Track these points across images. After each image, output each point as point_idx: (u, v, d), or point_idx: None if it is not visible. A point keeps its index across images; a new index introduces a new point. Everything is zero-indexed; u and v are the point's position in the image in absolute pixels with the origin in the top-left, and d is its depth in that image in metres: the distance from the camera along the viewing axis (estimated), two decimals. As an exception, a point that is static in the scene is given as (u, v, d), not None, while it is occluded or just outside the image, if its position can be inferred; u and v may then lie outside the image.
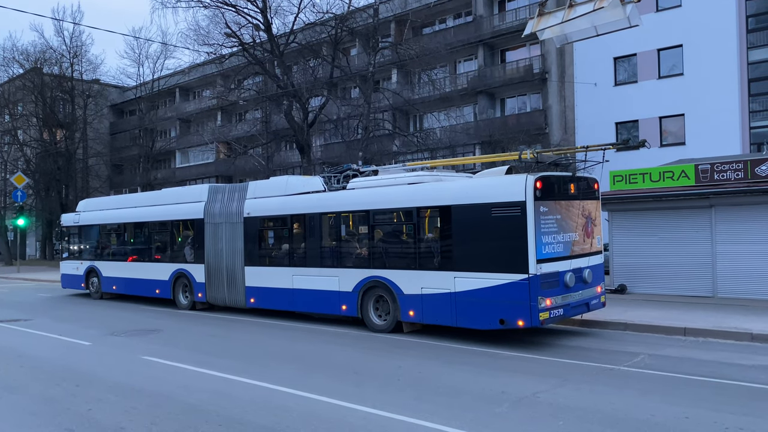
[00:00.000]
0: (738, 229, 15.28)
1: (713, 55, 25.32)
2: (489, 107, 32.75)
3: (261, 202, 15.24)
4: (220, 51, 31.29)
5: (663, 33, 26.27)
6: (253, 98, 36.10)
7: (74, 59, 47.13)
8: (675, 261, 16.16)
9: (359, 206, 13.14)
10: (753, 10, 25.61)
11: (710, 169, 15.72)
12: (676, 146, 25.90)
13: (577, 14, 11.48)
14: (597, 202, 12.19)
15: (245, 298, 15.38)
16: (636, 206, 16.84)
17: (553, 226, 10.63)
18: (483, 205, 10.85)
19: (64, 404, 7.73)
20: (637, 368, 9.03)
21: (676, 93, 26.33)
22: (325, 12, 29.00)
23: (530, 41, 28.76)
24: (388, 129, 32.50)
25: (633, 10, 11.16)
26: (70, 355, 11.06)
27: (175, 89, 50.64)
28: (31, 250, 56.85)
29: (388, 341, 11.69)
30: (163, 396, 8.06)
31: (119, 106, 57.22)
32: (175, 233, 17.83)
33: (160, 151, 50.51)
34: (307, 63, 33.13)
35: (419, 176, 12.83)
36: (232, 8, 29.09)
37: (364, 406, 7.28)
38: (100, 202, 22.71)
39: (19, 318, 15.95)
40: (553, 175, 11.06)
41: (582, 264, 11.28)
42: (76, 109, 48.17)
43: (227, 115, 46.96)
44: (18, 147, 47.86)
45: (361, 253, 13.13)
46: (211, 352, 10.98)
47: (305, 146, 29.98)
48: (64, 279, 22.37)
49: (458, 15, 35.59)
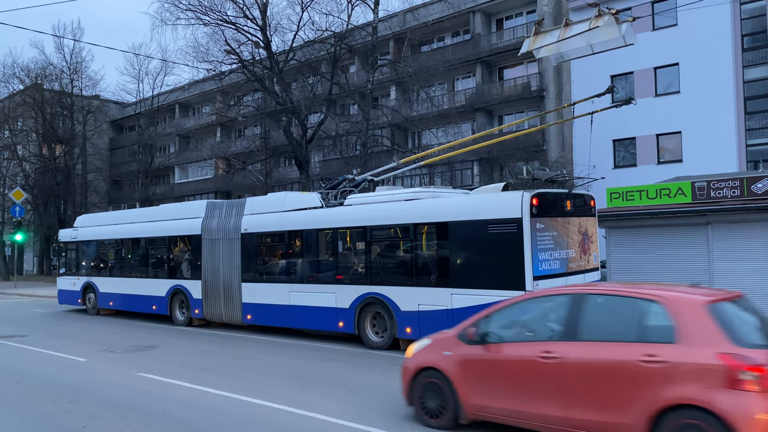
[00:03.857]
0: (735, 246, 15.29)
1: (709, 73, 25.51)
2: (487, 124, 32.90)
3: (258, 218, 15.26)
4: (219, 68, 31.50)
5: (659, 51, 26.48)
6: (252, 114, 36.28)
7: (74, 75, 47.39)
8: (672, 278, 16.10)
9: (356, 222, 13.16)
10: (748, 29, 25.85)
11: (707, 187, 15.77)
12: (673, 163, 25.99)
13: (573, 33, 11.61)
14: (593, 218, 12.24)
15: (242, 315, 15.34)
16: (633, 223, 16.87)
17: (549, 242, 10.66)
18: (479, 222, 10.89)
19: (58, 421, 7.69)
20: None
21: (673, 111, 26.48)
22: (324, 30, 29.24)
23: (528, 59, 28.94)
24: (386, 145, 32.63)
25: (628, 29, 11.30)
26: (66, 372, 11.01)
27: (174, 105, 50.85)
28: (29, 266, 56.70)
29: (384, 358, 11.64)
30: (158, 413, 8.02)
31: (119, 122, 57.40)
32: (173, 249, 17.83)
33: (159, 167, 50.59)
34: (306, 80, 33.34)
35: (416, 192, 12.88)
36: (232, 26, 29.35)
37: (360, 424, 7.24)
38: (97, 218, 22.72)
39: (14, 334, 15.88)
40: (550, 192, 11.11)
41: (579, 281, 11.28)
42: (76, 125, 48.32)
43: (226, 131, 47.12)
44: (17, 162, 47.93)
45: (358, 270, 13.13)
46: (206, 368, 10.94)
47: (304, 162, 30.07)
48: (61, 295, 22.31)
49: (456, 33, 35.89)
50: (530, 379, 6.32)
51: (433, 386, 7.07)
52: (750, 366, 5.16)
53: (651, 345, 5.70)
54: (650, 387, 5.54)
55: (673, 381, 5.44)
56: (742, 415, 5.08)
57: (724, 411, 5.13)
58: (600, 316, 6.30)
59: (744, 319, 5.95)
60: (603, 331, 6.16)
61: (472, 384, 6.76)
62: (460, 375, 6.84)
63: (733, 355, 5.26)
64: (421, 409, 7.19)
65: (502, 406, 6.56)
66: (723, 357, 5.27)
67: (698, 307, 5.70)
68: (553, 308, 6.69)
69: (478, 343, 6.76)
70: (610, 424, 5.73)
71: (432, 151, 19.52)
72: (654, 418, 5.46)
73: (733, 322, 5.68)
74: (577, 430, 5.98)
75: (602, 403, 5.81)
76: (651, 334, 5.88)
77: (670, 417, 5.39)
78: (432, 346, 7.39)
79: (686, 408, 5.34)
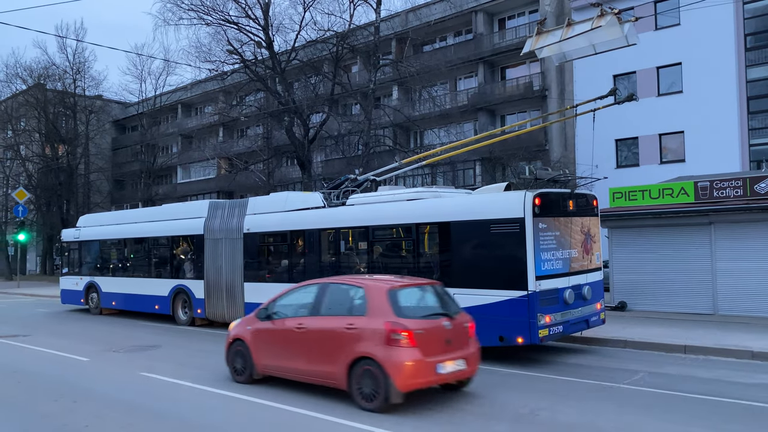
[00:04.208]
0: (738, 246, 15.27)
1: (712, 72, 25.45)
2: (489, 124, 32.87)
3: (261, 218, 15.27)
4: (221, 68, 31.52)
5: (662, 51, 26.43)
6: (254, 114, 36.26)
7: (77, 75, 47.44)
8: (675, 278, 16.14)
9: (358, 222, 13.15)
10: (751, 28, 25.78)
11: (709, 187, 15.75)
12: (676, 163, 25.94)
13: (575, 33, 11.61)
14: (596, 218, 12.21)
15: (244, 314, 15.32)
16: (635, 223, 16.85)
17: (552, 242, 10.64)
18: (482, 222, 10.87)
19: (61, 420, 7.70)
20: (637, 386, 8.99)
21: (676, 110, 26.42)
22: (326, 30, 29.22)
23: (530, 59, 28.88)
24: (388, 145, 32.61)
25: (630, 29, 11.28)
26: (68, 371, 11.02)
27: (177, 105, 50.88)
28: (32, 266, 56.80)
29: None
30: (160, 412, 8.03)
31: (121, 122, 57.46)
32: (175, 249, 17.84)
33: (162, 167, 50.62)
34: (309, 80, 33.32)
35: (418, 192, 12.86)
36: (234, 26, 29.35)
37: (360, 423, 7.24)
38: (100, 218, 22.74)
39: (17, 333, 15.91)
40: (552, 191, 11.08)
41: (581, 281, 11.27)
42: (79, 125, 48.38)
43: (229, 131, 47.15)
44: (20, 162, 48.03)
45: (361, 270, 13.12)
46: (208, 368, 10.93)
47: (306, 162, 30.07)
48: (63, 294, 22.34)
49: (458, 33, 35.85)
50: (290, 343, 8.78)
51: (239, 352, 9.52)
52: (400, 329, 7.60)
53: (352, 317, 8.15)
54: (348, 345, 7.94)
55: (360, 341, 7.85)
56: (393, 363, 7.51)
57: (382, 359, 7.56)
58: (332, 298, 8.71)
59: (416, 299, 8.51)
60: (332, 309, 8.57)
61: (261, 349, 9.22)
62: (254, 343, 9.32)
63: (392, 323, 7.66)
64: (233, 369, 9.68)
65: (276, 364, 9.02)
66: (386, 324, 7.69)
67: (381, 291, 8.09)
68: (308, 294, 9.07)
69: (265, 319, 9.29)
70: (329, 372, 8.17)
71: (434, 151, 19.52)
72: (350, 366, 7.89)
73: (402, 301, 8.05)
74: (315, 378, 8.48)
75: (326, 358, 8.21)
76: (354, 310, 8.29)
77: (358, 365, 7.83)
78: (242, 323, 9.92)
79: (365, 359, 7.76)
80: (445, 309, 8.38)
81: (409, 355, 7.52)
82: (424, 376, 7.67)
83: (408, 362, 7.51)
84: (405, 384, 7.52)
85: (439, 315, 8.20)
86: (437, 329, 7.93)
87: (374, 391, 7.64)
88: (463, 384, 8.54)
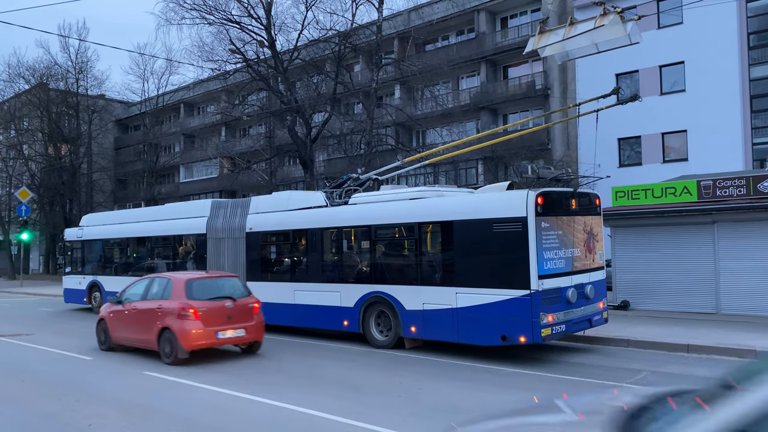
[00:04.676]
0: (741, 245, 15.23)
1: (715, 71, 25.40)
2: (491, 123, 32.85)
3: (263, 217, 15.28)
4: (224, 67, 31.53)
5: (665, 50, 26.38)
6: (256, 114, 36.28)
7: (80, 75, 47.56)
8: (678, 277, 16.11)
9: (361, 221, 13.15)
10: (754, 27, 25.73)
11: (712, 186, 15.71)
12: (679, 162, 25.89)
13: (577, 32, 11.58)
14: (598, 217, 12.18)
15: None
16: (638, 222, 16.82)
17: (554, 241, 10.63)
18: (484, 221, 10.86)
19: (64, 419, 7.72)
20: (640, 385, 8.96)
21: (679, 109, 26.37)
22: (328, 29, 29.22)
23: (532, 58, 28.85)
24: (390, 144, 32.61)
25: (633, 28, 11.26)
26: (71, 370, 11.05)
27: (179, 105, 50.94)
28: (35, 265, 56.92)
29: (389, 357, 11.65)
30: (162, 411, 8.04)
31: (124, 122, 57.54)
32: (177, 248, 17.86)
33: (164, 166, 50.68)
34: (311, 79, 33.33)
35: (421, 191, 12.85)
36: (237, 25, 29.38)
37: (364, 422, 7.24)
38: (103, 217, 22.77)
39: (21, 332, 15.94)
40: (555, 190, 11.07)
41: (584, 280, 11.26)
42: (81, 124, 48.46)
43: (231, 130, 47.19)
44: (23, 162, 48.14)
45: (363, 269, 13.12)
46: (212, 368, 10.95)
47: (308, 161, 30.08)
48: (66, 294, 22.38)
49: (461, 32, 35.83)
50: (129, 320, 12.22)
51: (103, 328, 12.91)
52: (188, 308, 11.02)
53: (162, 301, 11.56)
54: (158, 320, 11.33)
55: (165, 317, 11.23)
56: (181, 330, 10.90)
57: (175, 329, 10.97)
58: (154, 288, 12.05)
59: (210, 288, 11.76)
60: (153, 295, 11.94)
61: (115, 326, 12.59)
62: (110, 321, 12.72)
63: (183, 303, 11.08)
64: (99, 341, 13.07)
65: (123, 336, 12.44)
66: (179, 305, 11.10)
67: (181, 282, 11.50)
68: (142, 284, 12.49)
69: (117, 304, 12.69)
70: (148, 339, 11.57)
71: (436, 150, 19.50)
72: (158, 334, 11.33)
73: (194, 289, 11.41)
74: (142, 344, 11.91)
75: (146, 329, 11.58)
76: (164, 296, 11.63)
77: (163, 333, 11.25)
78: (106, 306, 13.23)
79: (166, 329, 11.15)
80: (231, 294, 11.67)
81: (193, 325, 10.90)
82: (205, 339, 10.96)
83: (192, 330, 10.86)
84: (189, 345, 10.88)
85: (224, 298, 11.47)
86: (219, 308, 11.26)
87: (171, 351, 11.04)
88: (252, 348, 12.11)
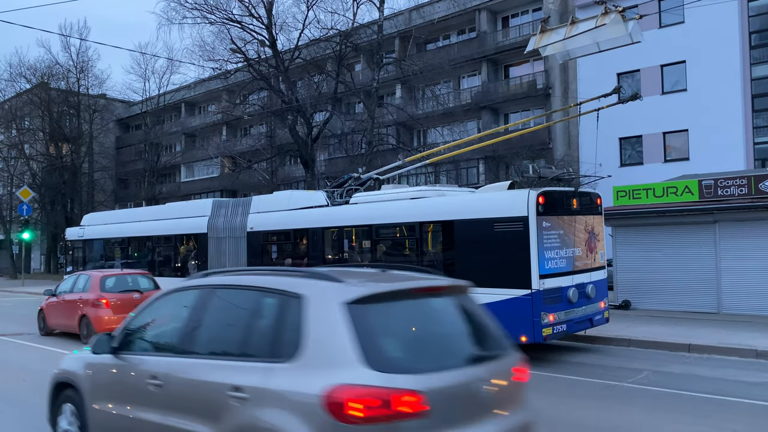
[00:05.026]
0: (742, 244, 15.22)
1: (716, 71, 25.36)
2: (493, 122, 32.84)
3: (264, 216, 15.28)
4: (225, 66, 31.56)
5: (666, 49, 26.35)
6: (257, 113, 36.30)
7: (81, 74, 47.55)
8: (679, 277, 16.09)
9: (362, 221, 13.14)
10: (756, 26, 25.70)
11: (714, 185, 15.70)
12: (680, 162, 25.86)
13: (579, 31, 11.58)
14: (600, 217, 12.17)
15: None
16: (640, 222, 16.80)
17: (555, 241, 10.62)
18: (485, 220, 10.85)
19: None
20: (641, 385, 8.97)
21: (680, 109, 26.34)
22: (329, 28, 29.24)
23: (534, 57, 28.84)
24: (391, 144, 32.60)
25: (634, 27, 11.25)
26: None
27: (180, 104, 50.94)
28: (36, 264, 56.96)
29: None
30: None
31: (125, 121, 57.56)
32: (179, 247, 17.87)
33: (165, 166, 50.69)
34: (312, 78, 33.33)
35: (422, 191, 12.84)
36: (238, 24, 29.40)
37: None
38: (104, 217, 22.79)
39: (22, 332, 15.95)
40: (556, 190, 11.06)
41: (585, 279, 11.25)
42: (82, 124, 48.48)
43: (232, 129, 47.20)
44: (24, 161, 48.17)
45: (364, 268, 13.09)
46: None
47: (309, 161, 30.08)
48: (67, 293, 22.39)
49: (462, 31, 35.81)
50: (59, 309, 14.84)
51: (42, 316, 15.59)
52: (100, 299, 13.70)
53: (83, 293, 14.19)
54: (79, 309, 13.96)
55: (84, 306, 13.89)
56: (95, 317, 13.52)
57: (90, 316, 13.61)
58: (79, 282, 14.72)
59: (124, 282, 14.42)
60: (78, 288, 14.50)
61: (51, 314, 15.18)
62: (47, 311, 15.37)
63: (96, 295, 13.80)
64: (39, 327, 15.69)
65: (56, 322, 15.04)
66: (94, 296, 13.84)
67: (97, 278, 14.29)
68: (71, 279, 15.19)
69: (53, 297, 15.18)
70: (72, 325, 14.15)
71: (437, 150, 19.50)
72: (79, 321, 13.92)
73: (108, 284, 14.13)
74: (69, 329, 14.37)
75: (71, 317, 14.21)
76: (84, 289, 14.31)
77: (83, 320, 13.85)
78: (46, 298, 15.61)
79: (85, 316, 13.75)
80: (140, 287, 14.31)
81: (105, 313, 13.52)
82: (114, 324, 11.86)
83: (104, 317, 13.41)
84: (101, 329, 12.09)
85: (132, 291, 14.11)
86: (128, 299, 13.70)
87: (87, 333, 13.21)
88: None
